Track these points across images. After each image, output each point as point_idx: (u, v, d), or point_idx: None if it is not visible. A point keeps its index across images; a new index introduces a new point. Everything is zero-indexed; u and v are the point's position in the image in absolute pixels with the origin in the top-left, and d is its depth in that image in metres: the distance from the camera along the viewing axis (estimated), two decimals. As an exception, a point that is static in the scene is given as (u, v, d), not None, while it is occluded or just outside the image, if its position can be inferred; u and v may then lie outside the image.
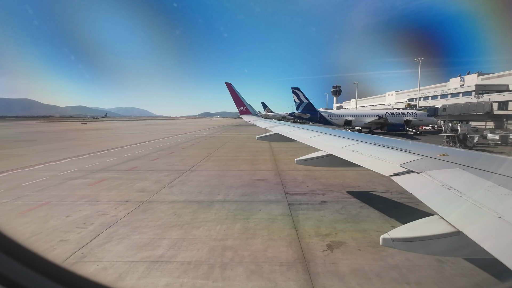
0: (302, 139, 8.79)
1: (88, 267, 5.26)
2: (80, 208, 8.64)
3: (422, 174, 3.43)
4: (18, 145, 26.44)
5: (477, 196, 2.55)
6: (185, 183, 11.85)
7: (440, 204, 2.67)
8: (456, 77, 76.77)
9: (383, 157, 4.62)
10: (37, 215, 8.05)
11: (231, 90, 19.52)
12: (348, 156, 5.48)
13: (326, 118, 42.94)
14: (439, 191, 2.90)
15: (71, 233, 6.78)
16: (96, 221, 7.54)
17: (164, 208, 8.59)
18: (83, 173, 13.74)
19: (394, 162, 4.16)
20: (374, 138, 6.63)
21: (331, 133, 8.76)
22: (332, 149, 6.60)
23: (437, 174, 3.30)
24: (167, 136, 36.91)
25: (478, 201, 2.45)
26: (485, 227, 2.18)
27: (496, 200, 2.44)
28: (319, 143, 7.61)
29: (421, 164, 3.81)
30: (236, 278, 4.89)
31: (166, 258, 5.58)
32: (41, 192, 10.40)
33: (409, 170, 3.66)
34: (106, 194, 10.15)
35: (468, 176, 3.13)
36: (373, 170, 4.31)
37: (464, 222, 2.31)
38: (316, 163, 7.29)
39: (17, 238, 0.99)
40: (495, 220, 2.15)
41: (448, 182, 2.97)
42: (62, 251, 5.90)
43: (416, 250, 2.58)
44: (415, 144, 5.46)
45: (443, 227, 2.34)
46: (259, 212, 8.23)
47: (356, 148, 5.79)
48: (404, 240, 2.49)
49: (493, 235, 2.08)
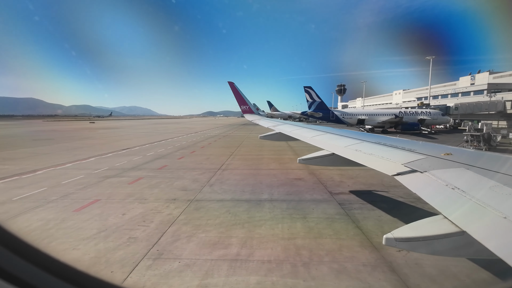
0: (305, 138, 8.73)
1: (170, 265, 5.26)
2: (131, 206, 8.67)
3: (426, 173, 3.39)
4: (39, 144, 26.65)
5: (481, 195, 2.51)
6: (223, 182, 11.86)
7: (444, 204, 2.65)
8: (466, 76, 75.99)
9: (387, 156, 4.59)
10: (93, 212, 8.10)
11: (233, 89, 19.52)
12: (352, 155, 5.45)
13: (339, 117, 42.75)
14: (443, 190, 2.87)
15: (136, 231, 6.81)
16: (155, 219, 7.56)
17: (215, 207, 8.59)
18: (116, 172, 13.80)
19: (398, 161, 4.13)
20: (377, 137, 6.57)
21: (333, 132, 8.68)
22: (335, 148, 6.56)
23: (441, 173, 3.27)
24: (180, 135, 37.00)
25: (482, 201, 2.41)
26: (490, 227, 2.15)
27: (500, 199, 2.40)
28: (322, 142, 7.56)
29: (425, 163, 3.78)
30: (325, 277, 4.87)
31: (243, 257, 5.57)
32: (84, 190, 10.47)
33: (413, 170, 3.63)
34: (150, 193, 10.19)
35: (472, 176, 3.10)
36: (377, 169, 4.28)
37: (468, 222, 2.28)
38: (319, 162, 7.32)
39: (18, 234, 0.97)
40: (499, 220, 2.11)
41: (452, 182, 2.94)
42: (136, 248, 5.92)
43: (419, 250, 2.57)
44: (418, 143, 5.39)
45: (447, 227, 2.32)
46: (313, 211, 8.20)
47: (360, 147, 5.75)
48: (407, 240, 2.48)
49: (498, 235, 2.05)
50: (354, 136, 7.31)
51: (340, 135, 7.87)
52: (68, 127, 63.44)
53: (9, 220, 7.55)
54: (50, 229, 6.91)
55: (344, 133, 8.16)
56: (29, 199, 9.34)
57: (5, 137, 35.43)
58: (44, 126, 64.91)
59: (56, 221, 7.46)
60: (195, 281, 4.77)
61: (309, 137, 8.60)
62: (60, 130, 50.36)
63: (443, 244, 2.31)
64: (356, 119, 42.34)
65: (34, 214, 8.00)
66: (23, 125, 73.55)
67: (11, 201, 9.16)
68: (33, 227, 7.06)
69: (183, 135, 37.24)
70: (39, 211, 8.25)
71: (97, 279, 1.05)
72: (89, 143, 28.23)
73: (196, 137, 35.02)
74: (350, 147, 6.06)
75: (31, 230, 6.89)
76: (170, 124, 77.42)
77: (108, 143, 28.25)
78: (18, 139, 32.12)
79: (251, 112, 20.27)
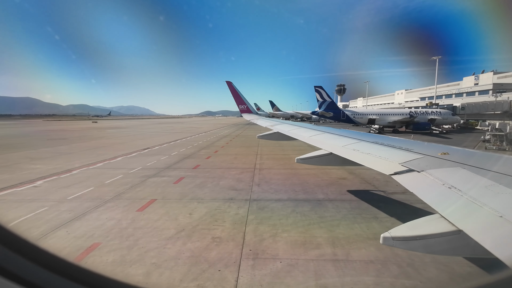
0: (303, 138, 8.74)
1: (273, 264, 5.19)
2: (192, 205, 8.58)
3: (423, 173, 3.42)
4: (56, 143, 26.40)
5: (478, 195, 2.53)
6: (268, 181, 11.79)
7: (440, 203, 2.66)
8: (470, 76, 76.49)
9: (384, 156, 4.61)
10: (158, 212, 8.00)
11: (231, 88, 19.44)
12: (349, 154, 5.48)
13: (350, 116, 42.81)
14: (440, 190, 2.89)
15: (215, 231, 6.73)
16: (226, 219, 7.48)
17: (278, 206, 8.52)
18: (153, 171, 13.67)
19: (395, 161, 4.16)
20: (375, 137, 6.58)
21: (331, 131, 8.68)
22: (333, 148, 6.58)
23: (437, 173, 3.29)
24: (191, 135, 36.71)
25: (478, 200, 2.43)
26: (486, 226, 2.18)
27: (497, 199, 2.42)
28: (319, 142, 7.57)
29: (422, 163, 3.80)
30: (438, 277, 4.83)
31: (342, 257, 5.51)
32: (133, 190, 10.35)
33: (410, 169, 3.65)
34: (202, 192, 10.09)
35: (469, 175, 3.12)
36: (374, 169, 4.30)
37: (464, 221, 2.30)
38: (317, 162, 7.35)
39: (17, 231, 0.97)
40: (496, 219, 2.14)
41: (448, 181, 2.96)
42: (227, 247, 5.85)
43: (417, 249, 2.59)
44: (416, 143, 5.43)
45: (444, 226, 2.34)
46: (380, 211, 8.14)
47: (357, 147, 5.77)
48: (404, 239, 2.50)
49: (494, 235, 2.07)
50: (351, 135, 7.36)
51: (337, 135, 7.88)
52: (74, 127, 62.91)
53: (80, 218, 7.43)
54: (127, 229, 6.81)
55: (341, 133, 8.17)
56: (84, 199, 9.23)
57: (17, 137, 35.05)
58: (48, 126, 64.34)
59: (127, 220, 7.36)
60: (310, 281, 4.71)
61: (307, 137, 8.62)
62: (68, 130, 49.96)
63: (440, 243, 2.33)
64: (366, 118, 42.43)
65: (100, 213, 7.89)
66: (26, 124, 72.82)
67: (68, 200, 9.04)
68: (107, 226, 6.96)
69: (194, 135, 37.03)
70: (102, 210, 8.14)
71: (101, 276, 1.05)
72: (105, 142, 27.99)
73: (209, 136, 34.84)
74: (347, 146, 6.09)
75: (108, 229, 6.78)
76: (174, 124, 77.06)
77: (124, 142, 28.05)
78: (32, 139, 31.75)
79: (249, 111, 20.25)
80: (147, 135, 37.74)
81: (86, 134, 39.24)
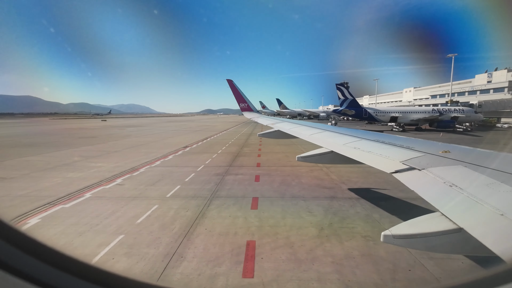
0: (304, 136, 8.76)
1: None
2: (295, 201, 8.60)
3: (424, 171, 3.42)
4: (90, 142, 26.39)
5: (479, 193, 2.53)
6: (343, 175, 11.76)
7: (441, 201, 2.66)
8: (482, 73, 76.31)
9: (385, 154, 4.63)
10: (273, 210, 8.01)
11: (232, 87, 19.41)
12: (350, 153, 5.52)
13: (372, 114, 42.79)
14: (441, 188, 2.90)
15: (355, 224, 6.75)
16: (341, 214, 7.49)
17: (380, 202, 8.56)
18: (221, 169, 13.68)
19: (396, 159, 4.16)
20: (376, 135, 6.63)
21: (332, 130, 8.73)
22: (334, 146, 6.60)
23: (438, 171, 3.30)
24: (215, 133, 36.45)
25: (480, 198, 2.44)
26: (487, 224, 2.18)
27: (498, 197, 2.43)
28: (320, 140, 7.62)
29: (423, 161, 3.80)
30: None
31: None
32: (224, 187, 10.39)
33: (411, 167, 3.65)
34: (292, 190, 10.09)
35: (470, 173, 3.12)
36: (375, 167, 4.31)
37: (465, 219, 2.30)
38: (317, 160, 7.40)
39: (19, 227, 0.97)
40: (497, 217, 2.12)
41: (449, 179, 2.96)
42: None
43: (417, 247, 2.59)
44: (417, 141, 5.45)
45: (445, 224, 2.34)
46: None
47: (358, 145, 5.79)
48: (405, 237, 2.50)
49: (495, 232, 2.06)
50: (352, 134, 7.42)
51: (338, 133, 7.92)
52: (88, 125, 62.67)
53: (204, 216, 7.43)
54: (263, 227, 6.82)
55: (342, 131, 8.22)
56: (183, 196, 9.27)
57: (41, 135, 35.01)
58: (61, 125, 64.19)
59: (251, 218, 7.38)
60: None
61: (308, 135, 8.64)
62: (86, 128, 49.86)
63: (441, 241, 2.32)
64: (389, 116, 42.39)
65: (219, 211, 7.92)
66: (36, 123, 72.30)
67: (169, 198, 9.07)
68: (243, 223, 6.96)
69: (217, 133, 36.88)
70: (214, 208, 8.17)
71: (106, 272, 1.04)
72: (139, 141, 27.88)
73: (233, 135, 34.66)
74: (348, 144, 6.12)
75: (247, 226, 6.82)
76: (183, 122, 76.67)
77: (157, 141, 28.01)
78: (60, 137, 31.76)
79: (249, 109, 20.24)
80: (171, 134, 37.68)
81: (110, 133, 39.10)
